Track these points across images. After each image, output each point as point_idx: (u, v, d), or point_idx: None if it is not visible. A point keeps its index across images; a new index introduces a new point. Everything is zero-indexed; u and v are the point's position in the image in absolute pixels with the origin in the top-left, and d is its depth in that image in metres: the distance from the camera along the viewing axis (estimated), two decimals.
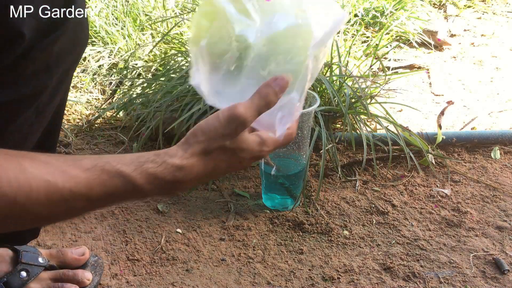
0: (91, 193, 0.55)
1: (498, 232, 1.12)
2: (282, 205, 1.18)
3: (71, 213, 0.57)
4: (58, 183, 0.53)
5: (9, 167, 0.51)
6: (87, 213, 0.60)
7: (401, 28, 2.10)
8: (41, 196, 0.52)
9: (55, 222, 0.59)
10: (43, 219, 0.56)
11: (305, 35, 0.66)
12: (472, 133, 1.43)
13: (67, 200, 0.54)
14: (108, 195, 0.56)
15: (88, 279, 0.95)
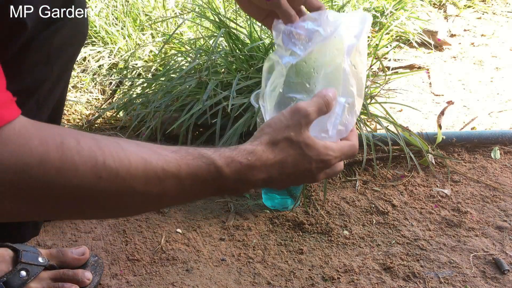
0: (179, 173, 0.57)
1: (498, 232, 1.12)
2: (282, 205, 1.18)
3: (161, 197, 0.58)
4: (152, 161, 0.55)
5: (110, 144, 0.53)
6: (171, 202, 0.60)
7: (401, 28, 2.10)
8: (139, 172, 0.54)
9: (147, 206, 0.59)
10: (138, 199, 0.56)
11: (337, 44, 0.74)
12: (472, 133, 1.43)
13: (161, 179, 0.55)
14: (194, 177, 0.58)
15: (88, 279, 0.95)
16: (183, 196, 0.60)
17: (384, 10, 2.13)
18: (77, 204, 0.53)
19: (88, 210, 0.55)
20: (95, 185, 0.52)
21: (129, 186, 0.54)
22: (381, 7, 2.15)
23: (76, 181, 0.51)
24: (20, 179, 0.49)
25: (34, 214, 0.53)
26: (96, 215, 0.57)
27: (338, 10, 2.09)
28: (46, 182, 0.50)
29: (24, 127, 0.49)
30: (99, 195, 0.53)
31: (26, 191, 0.50)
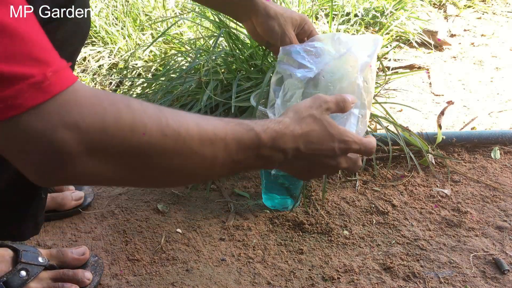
0: (226, 137, 0.62)
1: (498, 232, 1.12)
2: (282, 205, 1.18)
3: (213, 160, 0.61)
4: (203, 125, 0.60)
5: (167, 110, 0.57)
6: (221, 170, 0.65)
7: (401, 28, 2.10)
8: (195, 133, 0.58)
9: (203, 171, 0.63)
10: (196, 160, 0.60)
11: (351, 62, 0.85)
12: (472, 133, 1.43)
13: (212, 141, 0.60)
14: (238, 142, 0.63)
15: (88, 279, 0.95)
16: (230, 162, 0.64)
17: (384, 10, 2.13)
18: (147, 163, 0.56)
19: (156, 170, 0.57)
20: (161, 142, 0.55)
21: (188, 146, 0.58)
22: (381, 7, 2.15)
23: (146, 138, 0.54)
24: (100, 138, 0.51)
25: (110, 177, 0.55)
26: (162, 178, 0.60)
27: (338, 10, 2.09)
28: (121, 139, 0.53)
29: (91, 89, 0.53)
30: (165, 153, 0.56)
31: (104, 151, 0.52)
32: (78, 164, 0.51)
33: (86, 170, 0.52)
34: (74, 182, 0.56)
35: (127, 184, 0.62)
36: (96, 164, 0.53)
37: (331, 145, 0.72)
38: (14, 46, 0.47)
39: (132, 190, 1.25)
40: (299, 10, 1.89)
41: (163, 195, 1.23)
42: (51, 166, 0.51)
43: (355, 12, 2.10)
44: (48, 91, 0.49)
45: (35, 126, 0.49)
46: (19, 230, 0.90)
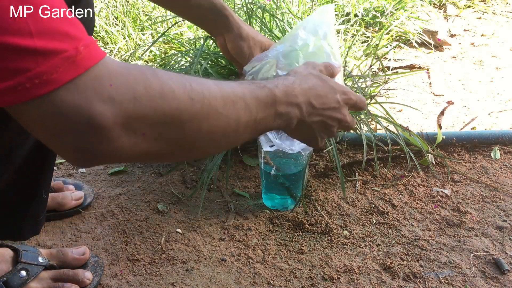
0: (245, 96, 0.64)
1: (498, 232, 1.12)
2: (282, 205, 1.18)
3: (237, 121, 0.63)
4: (223, 86, 0.62)
5: (189, 76, 0.60)
6: (245, 131, 0.67)
7: (401, 28, 2.10)
8: (218, 94, 0.60)
9: (230, 133, 0.64)
10: (223, 122, 0.61)
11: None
12: (472, 133, 1.43)
13: (234, 101, 0.62)
14: (256, 99, 0.66)
15: (88, 279, 0.95)
16: (252, 122, 0.66)
17: (384, 10, 2.13)
18: (178, 129, 0.57)
19: (187, 136, 0.58)
20: (189, 106, 0.56)
21: (214, 108, 0.59)
22: (381, 7, 2.15)
23: (175, 103, 0.55)
24: (134, 108, 0.52)
25: (145, 149, 0.55)
26: (193, 144, 0.60)
27: (338, 10, 2.09)
28: (153, 107, 0.53)
29: (119, 62, 0.53)
30: (194, 117, 0.57)
31: (139, 121, 0.52)
32: (116, 137, 0.51)
33: (124, 144, 0.52)
34: (112, 158, 0.55)
35: (164, 157, 0.63)
36: (133, 136, 0.53)
37: (335, 97, 0.78)
38: (46, 22, 0.47)
39: (132, 190, 1.25)
40: (299, 10, 1.90)
41: (163, 195, 1.23)
42: (91, 142, 0.51)
43: (355, 12, 2.10)
44: (82, 65, 0.49)
45: (72, 101, 0.48)
46: (20, 230, 0.90)
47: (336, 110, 0.78)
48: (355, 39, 1.85)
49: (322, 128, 0.79)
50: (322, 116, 0.77)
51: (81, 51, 0.49)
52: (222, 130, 0.62)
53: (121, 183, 1.28)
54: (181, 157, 0.67)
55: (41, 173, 0.86)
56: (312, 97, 0.74)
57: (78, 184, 1.22)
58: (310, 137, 0.80)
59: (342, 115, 0.79)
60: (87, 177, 1.30)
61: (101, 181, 1.29)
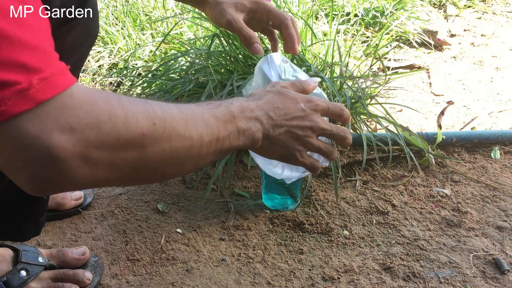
0: (203, 115, 0.65)
1: (498, 232, 1.12)
2: (282, 205, 1.18)
3: (200, 141, 0.63)
4: (183, 108, 0.63)
5: (151, 101, 0.60)
6: (210, 150, 0.66)
7: (401, 28, 2.10)
8: (178, 117, 0.61)
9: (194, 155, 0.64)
10: (186, 144, 0.61)
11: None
12: (472, 133, 1.43)
13: (194, 121, 0.63)
14: (214, 117, 0.66)
15: (88, 279, 0.95)
16: (215, 141, 0.65)
17: (384, 10, 2.13)
18: (141, 155, 0.57)
19: (150, 162, 0.58)
20: (152, 132, 0.57)
21: (176, 130, 0.60)
22: (381, 7, 2.15)
23: (139, 130, 0.55)
24: (96, 137, 0.52)
25: (107, 176, 0.55)
26: (156, 169, 0.60)
27: (338, 10, 2.09)
28: (116, 135, 0.53)
29: (87, 90, 0.53)
30: (157, 141, 0.57)
31: (101, 150, 0.52)
32: (75, 168, 0.51)
33: (83, 173, 0.52)
34: (72, 187, 0.55)
35: (125, 182, 0.62)
36: (93, 166, 0.52)
37: (297, 106, 0.75)
38: (2, 51, 0.47)
39: (132, 190, 1.25)
40: (299, 10, 1.90)
41: (163, 195, 1.23)
42: (48, 172, 0.50)
43: (355, 12, 2.10)
44: (34, 99, 0.48)
45: (29, 131, 0.48)
46: (20, 231, 0.90)
47: (302, 118, 0.75)
48: (355, 39, 1.85)
49: (292, 139, 0.75)
50: (286, 126, 0.74)
51: (34, 85, 0.48)
52: (185, 151, 0.62)
53: None
54: (142, 181, 0.67)
55: None
56: (270, 110, 0.73)
57: None
58: (285, 152, 0.76)
59: (312, 122, 0.76)
60: None
61: None
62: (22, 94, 0.47)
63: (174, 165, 0.62)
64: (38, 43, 0.50)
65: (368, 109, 1.36)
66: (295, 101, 0.75)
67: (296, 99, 0.76)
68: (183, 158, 0.62)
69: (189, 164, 0.65)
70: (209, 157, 0.66)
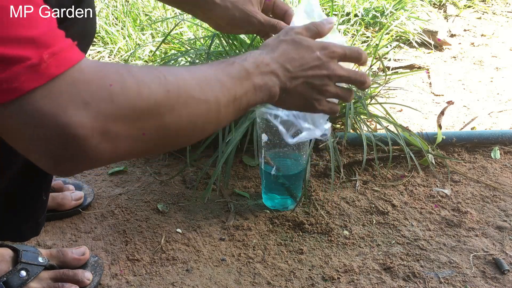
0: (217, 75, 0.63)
1: (498, 232, 1.12)
2: (282, 205, 1.18)
3: (217, 103, 0.62)
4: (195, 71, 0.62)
5: (161, 67, 0.60)
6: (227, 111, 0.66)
7: (401, 28, 2.10)
8: (192, 81, 0.60)
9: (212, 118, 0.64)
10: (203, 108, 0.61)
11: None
12: (472, 133, 1.43)
13: (209, 83, 0.61)
14: (228, 76, 0.64)
15: (88, 279, 0.95)
16: (232, 100, 0.64)
17: (384, 10, 2.13)
18: (159, 124, 0.56)
19: (169, 129, 0.57)
20: (167, 99, 0.56)
21: (191, 95, 0.58)
22: (381, 7, 2.15)
23: (153, 98, 0.54)
24: (111, 110, 0.51)
25: (130, 149, 0.54)
26: (177, 135, 0.59)
27: (338, 10, 2.09)
28: (131, 106, 0.53)
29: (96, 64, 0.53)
30: (173, 109, 0.56)
31: (117, 123, 0.52)
32: (96, 144, 0.50)
33: (105, 149, 0.51)
34: (96, 164, 0.54)
35: (148, 152, 0.61)
36: (114, 139, 0.52)
37: (313, 55, 0.73)
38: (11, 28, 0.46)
39: (132, 190, 1.25)
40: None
41: (163, 195, 1.23)
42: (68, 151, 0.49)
43: (355, 12, 2.10)
44: (46, 74, 0.48)
45: (44, 109, 0.47)
46: (20, 231, 0.90)
47: (319, 67, 0.73)
48: (355, 39, 1.85)
49: (310, 89, 0.74)
50: (303, 77, 0.73)
51: (45, 60, 0.47)
52: (203, 116, 0.61)
53: (121, 183, 1.28)
54: (166, 149, 0.66)
55: (41, 175, 0.86)
56: (286, 62, 0.71)
57: (78, 184, 1.22)
58: (303, 103, 0.76)
59: (329, 70, 0.74)
60: (87, 177, 1.30)
61: (101, 181, 1.29)
62: (33, 69, 0.47)
63: (195, 130, 0.61)
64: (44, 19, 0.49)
65: (368, 109, 1.36)
66: (310, 50, 0.73)
67: (311, 47, 0.73)
68: (202, 122, 0.61)
69: (210, 126, 0.64)
70: (229, 117, 0.66)
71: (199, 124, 0.61)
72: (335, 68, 0.75)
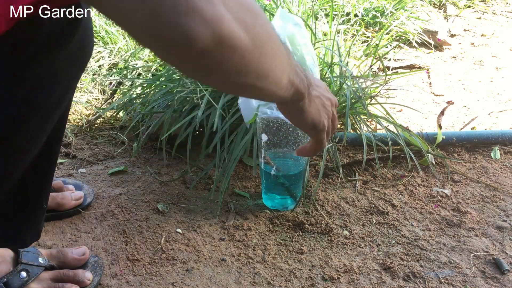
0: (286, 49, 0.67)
1: (498, 232, 1.12)
2: (282, 205, 1.18)
3: (284, 54, 0.65)
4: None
5: None
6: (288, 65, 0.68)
7: (401, 28, 2.10)
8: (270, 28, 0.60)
9: (282, 56, 0.65)
10: (277, 44, 0.62)
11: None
12: (472, 133, 1.43)
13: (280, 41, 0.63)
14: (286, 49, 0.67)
15: (88, 279, 0.95)
16: (289, 64, 0.67)
17: (384, 10, 2.13)
18: (257, 23, 0.55)
19: (260, 35, 0.56)
20: (259, 10, 0.56)
21: (270, 24, 0.60)
22: (381, 7, 2.15)
23: (249, 3, 0.54)
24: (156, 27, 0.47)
25: (238, 39, 0.52)
26: (262, 50, 0.58)
27: (338, 10, 2.09)
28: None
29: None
30: (263, 19, 0.57)
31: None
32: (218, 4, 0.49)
33: (220, 7, 0.49)
34: (215, 35, 0.50)
35: (241, 59, 0.55)
36: (224, 5, 0.50)
37: (328, 93, 0.87)
38: None
39: (132, 190, 1.25)
40: (299, 10, 1.89)
41: (163, 195, 1.23)
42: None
43: (355, 12, 2.10)
44: None
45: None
46: (21, 238, 0.90)
47: (324, 89, 0.84)
48: (355, 39, 1.85)
49: (322, 106, 0.83)
50: (318, 91, 0.82)
51: None
52: (276, 44, 0.62)
53: (121, 183, 1.28)
54: (254, 64, 0.60)
55: (42, 186, 0.86)
56: (313, 80, 0.80)
57: (78, 184, 1.22)
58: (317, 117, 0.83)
59: (334, 100, 0.86)
60: (87, 177, 1.30)
61: (101, 181, 1.29)
62: None
63: (273, 54, 0.61)
64: None
65: (368, 109, 1.36)
66: (327, 89, 0.87)
67: (328, 89, 0.88)
68: (279, 57, 0.63)
69: (280, 69, 0.64)
70: (285, 75, 0.67)
71: (277, 55, 0.62)
72: (336, 100, 0.89)
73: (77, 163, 1.37)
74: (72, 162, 1.37)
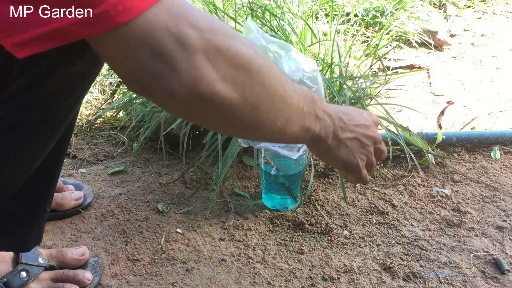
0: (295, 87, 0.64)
1: (498, 232, 1.12)
2: (282, 205, 1.18)
3: (290, 96, 0.62)
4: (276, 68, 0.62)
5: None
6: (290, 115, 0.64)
7: (401, 28, 2.10)
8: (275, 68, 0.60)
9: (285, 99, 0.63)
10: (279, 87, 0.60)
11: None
12: (472, 133, 1.43)
13: (287, 82, 0.62)
14: (299, 89, 0.65)
15: (88, 279, 0.95)
16: (301, 110, 0.64)
17: (384, 10, 2.13)
18: (248, 76, 0.55)
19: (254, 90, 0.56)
20: (255, 57, 0.56)
21: (274, 71, 0.59)
22: (381, 7, 2.15)
23: (244, 48, 0.55)
24: (212, 38, 0.52)
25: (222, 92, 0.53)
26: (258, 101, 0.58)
27: (338, 10, 2.09)
28: (228, 45, 0.53)
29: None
30: (260, 69, 0.57)
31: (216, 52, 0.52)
32: (200, 61, 0.51)
33: (204, 72, 0.51)
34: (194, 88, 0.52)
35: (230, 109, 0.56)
36: (211, 68, 0.52)
37: (363, 115, 0.77)
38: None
39: (132, 190, 1.25)
40: (299, 10, 1.89)
41: (163, 195, 1.23)
42: (176, 62, 0.50)
43: (355, 12, 2.10)
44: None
45: (160, 23, 0.48)
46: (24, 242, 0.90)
47: (367, 127, 0.76)
48: (355, 39, 1.85)
49: (358, 147, 0.76)
50: (354, 132, 0.75)
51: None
52: (280, 97, 0.60)
53: (121, 183, 1.28)
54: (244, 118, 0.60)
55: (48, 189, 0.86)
56: (339, 112, 0.73)
57: (78, 184, 1.22)
58: (349, 158, 0.76)
59: (374, 133, 0.77)
60: (87, 177, 1.30)
61: (101, 181, 1.29)
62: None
63: (272, 106, 0.60)
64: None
65: (368, 109, 1.36)
66: (360, 112, 0.77)
67: (360, 111, 0.78)
68: (279, 102, 0.61)
69: (282, 116, 0.62)
70: (293, 126, 0.64)
71: (276, 102, 0.60)
72: (377, 133, 0.79)
73: (77, 163, 1.37)
74: (72, 162, 1.37)
